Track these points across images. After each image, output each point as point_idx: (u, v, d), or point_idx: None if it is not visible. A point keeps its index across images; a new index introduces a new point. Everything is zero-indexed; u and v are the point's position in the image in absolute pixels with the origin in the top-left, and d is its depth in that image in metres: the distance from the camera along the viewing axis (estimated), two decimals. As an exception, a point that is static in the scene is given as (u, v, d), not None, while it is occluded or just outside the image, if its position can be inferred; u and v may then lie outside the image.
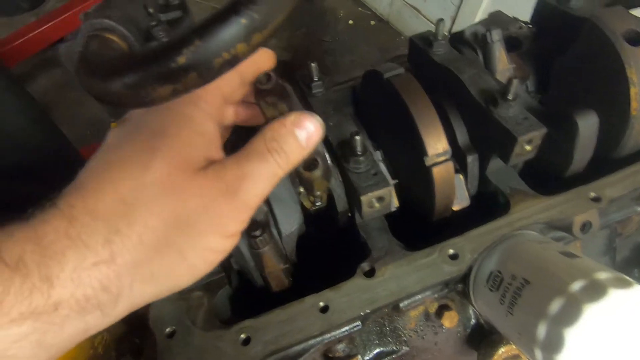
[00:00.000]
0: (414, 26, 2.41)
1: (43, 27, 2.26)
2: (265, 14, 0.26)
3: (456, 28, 2.14)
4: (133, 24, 0.37)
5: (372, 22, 2.66)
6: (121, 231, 0.27)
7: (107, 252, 0.27)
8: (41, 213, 0.28)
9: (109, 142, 0.31)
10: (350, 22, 2.67)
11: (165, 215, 0.29)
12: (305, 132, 0.33)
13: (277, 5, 0.26)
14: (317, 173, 0.35)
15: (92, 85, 0.28)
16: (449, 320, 0.52)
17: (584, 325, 0.36)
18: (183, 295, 0.48)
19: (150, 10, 0.41)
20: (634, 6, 0.62)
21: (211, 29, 0.25)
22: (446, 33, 0.57)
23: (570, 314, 0.37)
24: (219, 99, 0.35)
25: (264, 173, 0.31)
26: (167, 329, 0.46)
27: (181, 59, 0.24)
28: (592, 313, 0.36)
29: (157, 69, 0.25)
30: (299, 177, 0.36)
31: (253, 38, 0.26)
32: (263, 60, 0.36)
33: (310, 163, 0.35)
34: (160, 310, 0.48)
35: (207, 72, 0.25)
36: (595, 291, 0.37)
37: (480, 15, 1.98)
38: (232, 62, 0.26)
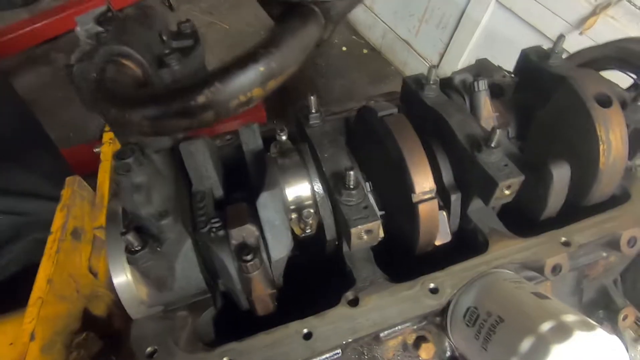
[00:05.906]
0: (404, 58, 2.52)
1: (36, 25, 2.25)
2: (281, 63, 0.28)
3: (444, 64, 2.25)
4: (148, 51, 0.39)
5: (365, 51, 2.77)
6: None
7: None
8: None
9: None
10: (344, 48, 2.77)
11: None
12: None
13: (292, 55, 0.29)
14: None
15: (109, 112, 0.29)
16: (426, 351, 0.54)
17: (551, 364, 0.39)
18: (168, 314, 0.48)
19: (164, 37, 0.43)
20: (602, 69, 0.68)
21: (231, 73, 0.27)
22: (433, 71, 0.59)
23: (538, 352, 0.40)
24: None
25: None
26: (148, 349, 0.46)
27: (200, 98, 0.26)
28: (558, 353, 0.39)
29: (178, 105, 0.26)
30: None
31: (269, 84, 0.28)
32: None
33: None
34: (143, 328, 0.47)
35: (223, 111, 0.27)
36: (562, 332, 0.40)
37: (467, 54, 2.09)
38: (248, 103, 0.28)
